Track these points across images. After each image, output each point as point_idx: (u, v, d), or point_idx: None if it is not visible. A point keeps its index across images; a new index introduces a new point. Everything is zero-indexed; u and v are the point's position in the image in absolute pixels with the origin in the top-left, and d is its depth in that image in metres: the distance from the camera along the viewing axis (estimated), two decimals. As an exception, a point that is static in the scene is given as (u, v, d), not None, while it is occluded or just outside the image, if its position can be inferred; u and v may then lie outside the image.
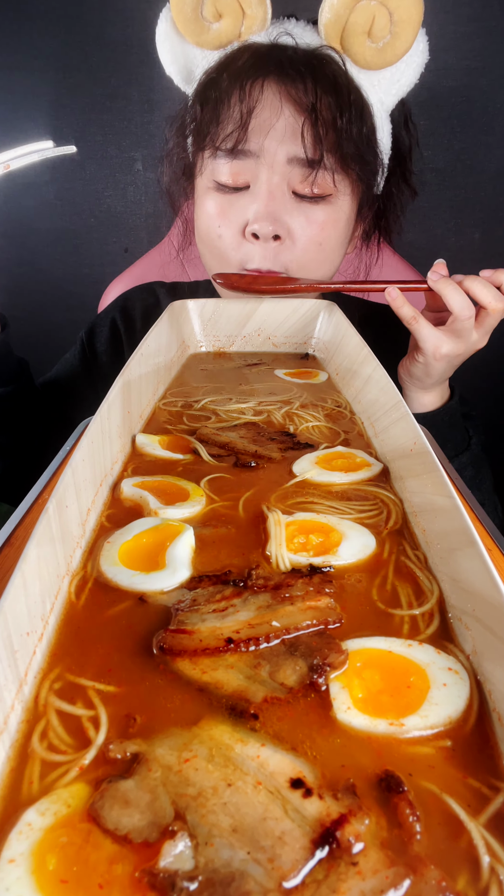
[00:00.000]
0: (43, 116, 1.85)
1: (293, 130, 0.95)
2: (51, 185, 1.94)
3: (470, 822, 0.34)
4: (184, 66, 1.02)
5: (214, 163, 1.01)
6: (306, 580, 0.52)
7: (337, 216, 1.04)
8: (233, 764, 0.37)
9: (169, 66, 1.03)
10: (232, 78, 0.94)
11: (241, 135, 0.95)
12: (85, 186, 1.93)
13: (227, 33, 0.95)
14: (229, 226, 1.04)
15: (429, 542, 0.58)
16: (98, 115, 1.84)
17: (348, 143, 0.96)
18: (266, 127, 0.95)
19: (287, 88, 0.94)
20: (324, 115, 0.93)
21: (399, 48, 0.93)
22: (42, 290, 2.05)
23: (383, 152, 1.06)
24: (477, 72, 1.71)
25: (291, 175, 0.99)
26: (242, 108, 0.93)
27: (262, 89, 0.94)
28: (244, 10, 0.93)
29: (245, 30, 0.95)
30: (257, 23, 0.94)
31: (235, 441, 0.79)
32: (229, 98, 0.95)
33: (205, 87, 0.98)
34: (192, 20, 0.94)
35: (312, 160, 0.96)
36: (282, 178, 0.99)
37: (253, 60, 0.94)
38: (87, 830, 0.34)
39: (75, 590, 0.53)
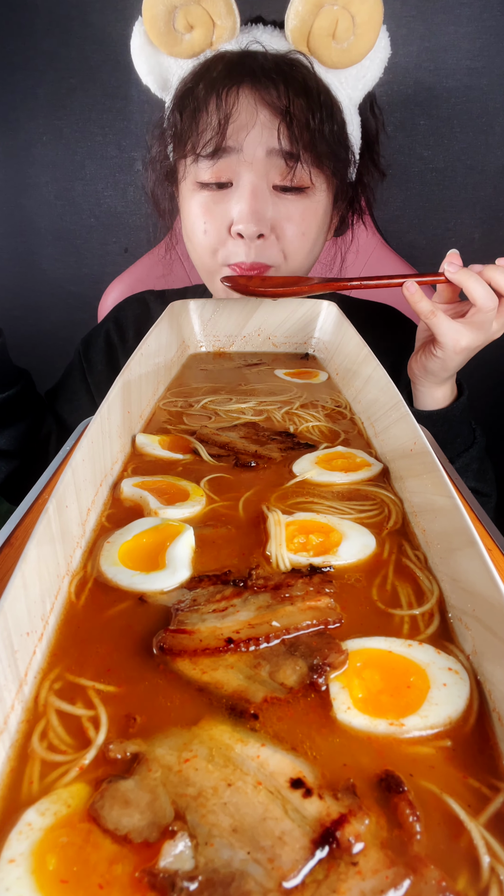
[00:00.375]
0: (43, 116, 1.85)
1: (270, 129, 0.99)
2: (51, 185, 1.93)
3: (470, 822, 0.34)
4: (159, 75, 1.06)
5: (196, 166, 1.05)
6: (306, 580, 0.52)
7: (315, 207, 1.08)
8: (233, 764, 0.37)
9: (145, 76, 1.06)
10: (208, 87, 0.98)
11: (220, 139, 0.99)
12: (85, 186, 1.93)
13: (199, 43, 1.00)
14: (214, 223, 1.06)
15: (429, 542, 0.58)
16: (98, 115, 1.84)
17: (321, 141, 1.00)
18: (244, 128, 0.99)
19: (261, 94, 0.98)
20: (297, 116, 0.98)
21: (363, 47, 0.99)
22: (42, 290, 2.04)
23: (354, 144, 1.10)
24: (477, 72, 1.71)
25: (271, 171, 1.02)
26: (220, 114, 0.98)
27: (237, 96, 0.98)
28: (214, 20, 0.98)
29: (216, 38, 1.00)
30: (227, 31, 0.99)
31: (235, 441, 0.79)
32: (206, 106, 0.99)
33: (182, 97, 1.02)
34: (164, 32, 0.98)
35: (289, 153, 1.01)
36: (262, 173, 1.02)
37: (227, 69, 0.98)
38: (87, 830, 0.34)
39: (75, 590, 0.53)
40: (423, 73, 1.72)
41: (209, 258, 1.10)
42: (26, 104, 1.84)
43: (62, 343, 1.36)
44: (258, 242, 1.05)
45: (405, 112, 1.76)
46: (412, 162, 1.81)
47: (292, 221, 1.05)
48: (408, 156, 1.80)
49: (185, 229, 1.14)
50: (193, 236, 1.10)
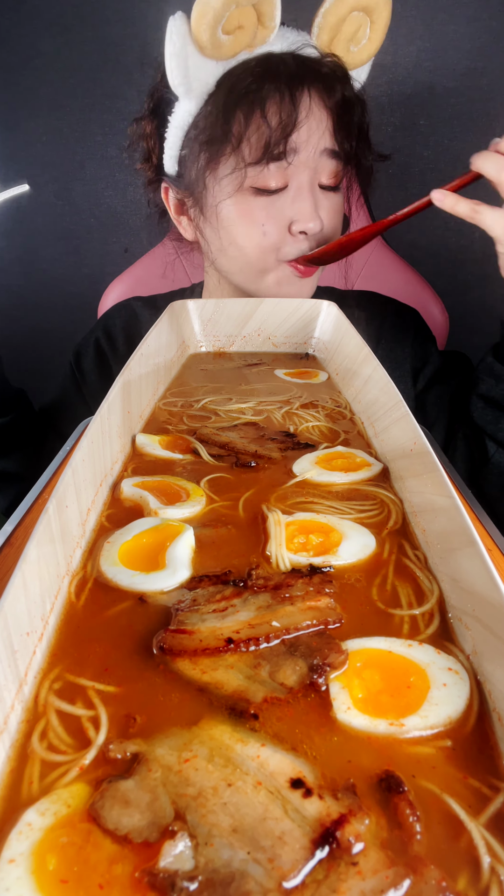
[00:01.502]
0: (43, 116, 1.85)
1: (324, 130, 1.03)
2: (51, 185, 1.93)
3: (470, 823, 0.34)
4: (194, 77, 1.01)
5: (255, 169, 1.03)
6: (306, 580, 0.52)
7: (341, 202, 1.13)
8: (233, 764, 0.37)
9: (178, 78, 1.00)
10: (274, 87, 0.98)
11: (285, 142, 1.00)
12: (85, 186, 1.93)
13: (240, 43, 0.99)
14: (275, 224, 1.07)
15: (429, 542, 0.58)
16: (98, 115, 1.84)
17: (363, 140, 1.07)
18: (304, 127, 1.01)
19: (318, 94, 1.02)
20: (348, 114, 1.03)
21: (371, 50, 1.04)
22: (42, 290, 2.04)
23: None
24: (477, 72, 1.71)
25: (321, 171, 1.06)
26: (287, 114, 0.99)
27: (303, 96, 1.00)
28: (264, 22, 0.97)
29: (257, 41, 1.00)
30: (269, 33, 1.00)
31: (235, 441, 0.79)
32: (272, 106, 0.99)
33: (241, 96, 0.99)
34: (211, 33, 0.95)
35: (336, 152, 1.05)
36: (314, 172, 1.06)
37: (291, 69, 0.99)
38: (88, 830, 0.34)
39: (75, 590, 0.53)
40: (423, 73, 1.72)
41: (268, 257, 1.10)
42: (26, 104, 1.84)
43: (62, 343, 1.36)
44: (316, 234, 1.08)
45: (405, 112, 1.76)
46: (412, 162, 1.81)
47: (331, 217, 1.10)
48: (408, 156, 1.80)
49: (234, 233, 1.09)
50: (250, 240, 1.08)
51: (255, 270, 1.13)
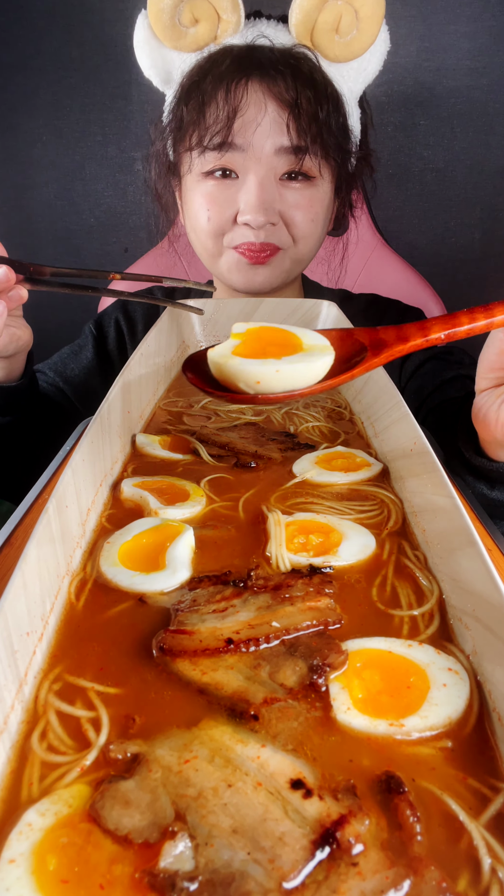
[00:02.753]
0: (43, 116, 1.85)
1: (278, 124, 1.01)
2: (51, 185, 1.93)
3: (470, 823, 0.34)
4: (162, 68, 1.06)
5: (202, 158, 1.05)
6: (306, 580, 0.52)
7: (321, 195, 1.10)
8: (233, 765, 0.37)
9: (148, 69, 1.07)
10: (216, 80, 0.99)
11: (227, 132, 1.00)
12: (85, 186, 1.93)
13: (203, 37, 1.01)
14: (219, 211, 1.07)
15: (429, 542, 0.58)
16: (98, 115, 1.84)
17: (328, 132, 1.02)
18: (252, 123, 1.00)
19: (269, 86, 0.99)
20: (305, 108, 0.99)
21: (364, 41, 1.01)
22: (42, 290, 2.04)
23: (355, 136, 1.12)
24: (477, 72, 1.71)
25: (278, 165, 1.04)
26: (228, 107, 0.98)
27: (246, 88, 0.99)
28: (220, 15, 0.99)
29: (221, 32, 1.01)
30: (232, 26, 1.00)
31: (235, 441, 0.79)
32: (214, 98, 0.99)
33: (188, 89, 1.03)
34: (169, 26, 0.99)
35: (298, 147, 1.02)
36: (269, 168, 1.04)
37: (235, 63, 0.99)
38: (88, 831, 0.34)
39: (75, 590, 0.53)
40: (423, 73, 1.72)
41: (213, 242, 1.11)
42: (26, 104, 1.84)
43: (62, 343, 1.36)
44: (267, 228, 1.06)
45: (405, 112, 1.76)
46: (412, 162, 1.80)
47: (301, 209, 1.07)
48: (408, 156, 1.80)
49: (189, 220, 1.15)
50: (197, 224, 1.11)
51: (207, 254, 1.16)
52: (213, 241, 1.11)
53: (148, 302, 1.06)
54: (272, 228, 1.07)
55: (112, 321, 1.35)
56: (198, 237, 1.14)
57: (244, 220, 1.05)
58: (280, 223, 1.07)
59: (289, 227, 1.08)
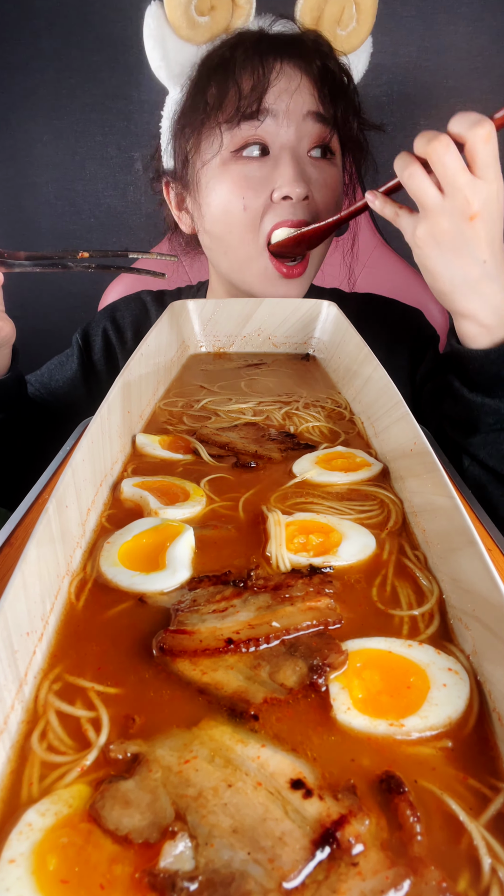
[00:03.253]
0: (43, 116, 1.85)
1: (307, 92, 1.02)
2: (51, 185, 1.94)
3: (471, 823, 0.34)
4: (173, 60, 1.06)
5: (233, 133, 1.02)
6: (306, 580, 0.52)
7: (338, 175, 1.11)
8: (233, 765, 0.37)
9: (157, 61, 1.07)
10: (246, 54, 1.00)
11: (263, 97, 0.99)
12: (85, 186, 1.93)
13: (217, 25, 1.03)
14: (256, 194, 1.04)
15: (429, 542, 0.58)
16: (98, 115, 1.84)
17: (349, 106, 1.06)
18: (285, 92, 1.01)
19: (296, 61, 1.01)
20: (331, 80, 1.03)
21: (360, 35, 1.06)
22: (42, 290, 2.04)
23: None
24: (477, 72, 1.71)
25: (310, 133, 1.04)
26: (261, 75, 0.99)
27: (278, 59, 1.00)
28: (237, 3, 1.02)
29: (234, 20, 1.03)
30: (244, 16, 1.03)
31: (235, 441, 0.79)
32: (246, 69, 1.00)
33: (214, 69, 1.02)
34: (184, 15, 1.01)
35: (323, 116, 1.03)
36: (300, 136, 1.04)
37: (262, 40, 1.01)
38: (88, 831, 0.34)
39: (75, 590, 0.53)
40: (423, 73, 1.72)
41: (250, 238, 1.06)
42: (26, 104, 1.84)
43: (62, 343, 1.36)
44: (303, 203, 1.04)
45: (405, 112, 1.76)
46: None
47: (326, 187, 1.07)
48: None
49: (217, 213, 1.07)
50: (230, 216, 1.06)
51: (239, 259, 1.10)
52: (250, 236, 1.05)
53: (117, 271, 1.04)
54: (306, 204, 1.05)
55: (99, 330, 1.34)
56: (231, 233, 1.07)
57: (283, 194, 1.02)
58: (311, 199, 1.05)
59: (316, 203, 1.06)
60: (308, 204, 1.05)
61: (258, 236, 1.06)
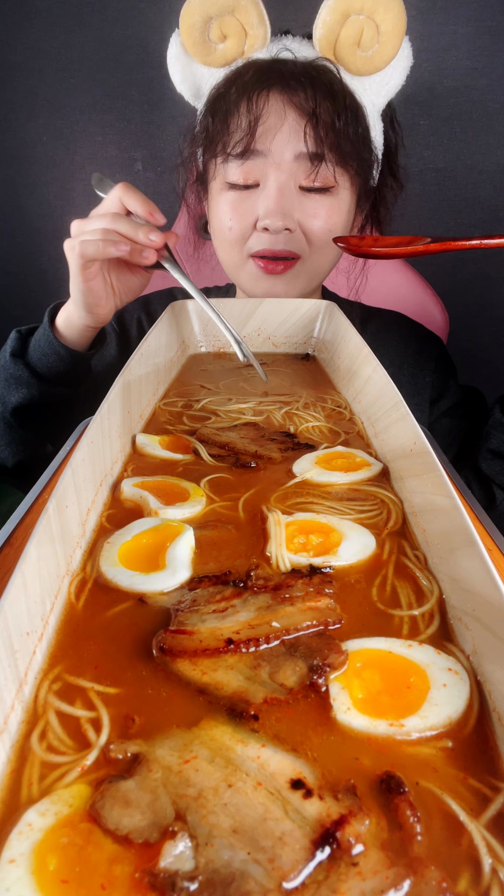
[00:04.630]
0: (43, 116, 1.85)
1: (297, 132, 1.03)
2: (51, 185, 1.93)
3: (471, 823, 0.34)
4: (193, 83, 1.11)
5: (226, 166, 1.08)
6: (306, 581, 0.52)
7: (340, 206, 1.11)
8: (233, 765, 0.37)
9: (179, 84, 1.11)
10: (240, 91, 1.03)
11: (250, 139, 1.03)
12: (85, 186, 1.92)
13: (231, 52, 1.05)
14: (240, 220, 1.10)
15: (429, 542, 0.58)
16: (98, 115, 1.84)
17: (346, 141, 1.04)
18: (272, 130, 1.03)
19: (289, 97, 1.02)
20: (323, 118, 1.02)
21: (386, 55, 1.03)
22: (42, 290, 2.04)
23: (377, 148, 1.14)
24: (477, 72, 1.71)
25: (297, 172, 1.06)
26: (250, 116, 1.02)
27: (267, 98, 1.02)
28: (246, 30, 1.03)
29: (248, 48, 1.05)
30: (259, 41, 1.04)
31: (235, 441, 0.79)
32: (238, 108, 1.03)
33: (215, 100, 1.07)
34: (199, 42, 1.04)
35: (315, 154, 1.04)
36: (289, 175, 1.06)
37: (258, 74, 1.02)
38: (88, 831, 0.34)
39: (75, 590, 0.53)
40: (423, 73, 1.72)
41: (236, 252, 1.14)
42: (26, 104, 1.84)
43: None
44: (285, 234, 1.08)
45: (405, 112, 1.76)
46: (412, 162, 1.80)
47: (318, 218, 1.09)
48: (408, 156, 1.79)
49: (213, 227, 1.18)
50: (220, 233, 1.15)
51: (231, 265, 1.19)
52: (236, 250, 1.14)
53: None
54: (290, 236, 1.08)
55: (134, 319, 1.37)
56: (221, 246, 1.17)
57: (263, 225, 1.07)
58: (298, 231, 1.09)
59: (306, 235, 1.10)
60: (292, 236, 1.09)
61: (243, 251, 1.13)
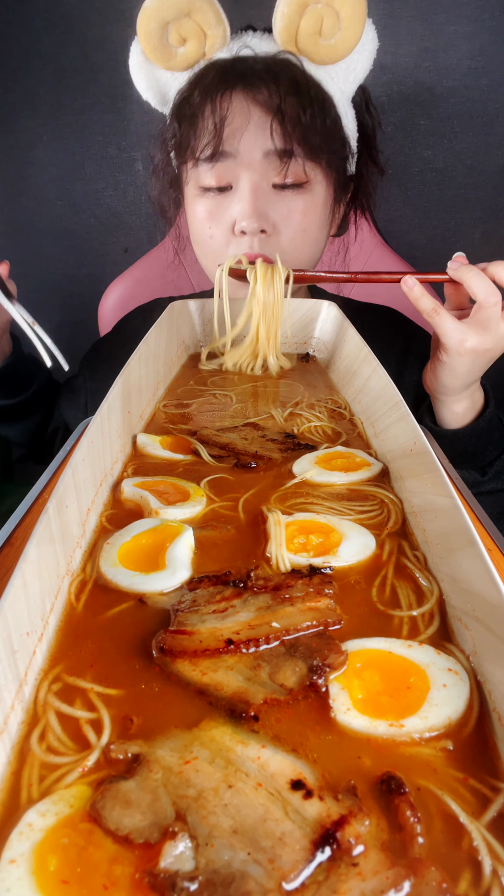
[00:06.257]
0: (43, 116, 1.85)
1: (263, 130, 1.02)
2: (51, 185, 1.93)
3: (471, 824, 0.34)
4: (157, 90, 1.10)
5: (197, 171, 1.08)
6: (306, 581, 0.52)
7: (315, 202, 1.10)
8: (233, 765, 0.37)
9: (145, 91, 1.10)
10: (202, 94, 1.01)
11: (217, 142, 1.02)
12: (85, 186, 1.93)
13: (192, 55, 1.03)
14: (219, 226, 1.09)
15: (429, 542, 0.58)
16: (98, 115, 1.84)
17: (314, 134, 1.02)
18: (239, 130, 1.02)
19: (253, 95, 1.01)
20: (289, 113, 1.00)
21: (350, 41, 1.01)
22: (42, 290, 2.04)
23: (350, 136, 1.12)
24: (477, 72, 1.71)
25: (268, 169, 1.05)
26: (215, 119, 1.01)
27: (230, 99, 1.01)
28: (205, 31, 1.01)
29: (208, 48, 1.03)
30: (218, 41, 1.02)
31: (236, 442, 0.79)
32: (202, 112, 1.02)
33: (179, 106, 1.05)
34: (159, 48, 1.02)
35: (284, 150, 1.03)
36: (261, 174, 1.05)
37: (219, 76, 1.01)
38: (88, 831, 0.34)
39: (75, 590, 0.53)
40: (423, 73, 1.72)
41: (217, 258, 1.13)
42: (26, 104, 1.84)
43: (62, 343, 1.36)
44: (261, 237, 1.07)
45: (405, 112, 1.76)
46: (412, 162, 1.80)
47: (293, 219, 1.07)
48: (408, 156, 1.80)
49: (193, 233, 1.17)
50: (201, 240, 1.14)
51: (213, 272, 1.16)
52: (218, 258, 1.12)
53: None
54: (265, 238, 1.07)
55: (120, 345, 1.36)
56: (203, 253, 1.16)
57: (240, 228, 1.06)
58: (273, 232, 1.07)
59: (280, 237, 1.08)
60: (267, 237, 1.07)
61: (225, 256, 1.12)
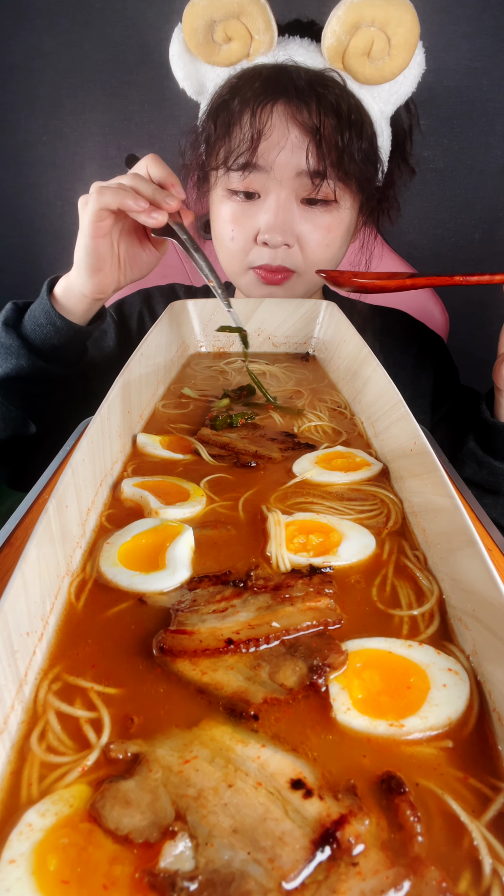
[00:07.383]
0: (43, 116, 1.85)
1: (299, 149, 1.02)
2: (51, 185, 1.93)
3: (471, 823, 0.34)
4: (196, 80, 1.09)
5: (227, 176, 1.07)
6: (306, 581, 0.52)
7: (341, 219, 1.10)
8: (233, 765, 0.37)
9: (183, 81, 1.09)
10: (243, 102, 1.01)
11: (251, 156, 1.02)
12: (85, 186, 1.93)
13: (236, 53, 1.02)
14: (242, 231, 1.10)
15: (429, 542, 0.58)
16: (98, 115, 1.84)
17: (349, 159, 1.02)
18: (275, 147, 1.02)
19: (293, 111, 1.00)
20: (327, 135, 1.00)
21: (396, 67, 1.00)
22: (42, 290, 2.04)
23: (383, 151, 1.12)
24: (477, 72, 1.71)
25: (299, 187, 1.05)
26: (253, 131, 1.00)
27: (270, 113, 1.00)
28: (252, 35, 1.00)
29: (253, 51, 1.02)
30: (264, 46, 1.01)
31: (236, 441, 0.79)
32: (240, 121, 1.01)
33: (218, 106, 1.05)
34: (203, 43, 1.02)
35: (317, 171, 1.02)
36: (290, 190, 1.05)
37: (263, 86, 1.00)
38: (88, 831, 0.34)
39: (75, 590, 0.53)
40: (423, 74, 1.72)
41: (237, 261, 1.14)
42: (26, 104, 1.84)
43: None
44: (283, 249, 1.08)
45: (405, 112, 1.76)
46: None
47: (317, 234, 1.09)
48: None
49: (215, 232, 1.18)
50: (222, 241, 1.15)
51: (231, 271, 1.18)
52: (237, 260, 1.14)
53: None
54: (287, 251, 1.09)
55: (135, 312, 1.36)
56: (223, 253, 1.17)
57: (263, 240, 1.07)
58: (296, 246, 1.09)
59: (303, 250, 1.09)
60: (290, 252, 1.09)
61: (244, 262, 1.13)
